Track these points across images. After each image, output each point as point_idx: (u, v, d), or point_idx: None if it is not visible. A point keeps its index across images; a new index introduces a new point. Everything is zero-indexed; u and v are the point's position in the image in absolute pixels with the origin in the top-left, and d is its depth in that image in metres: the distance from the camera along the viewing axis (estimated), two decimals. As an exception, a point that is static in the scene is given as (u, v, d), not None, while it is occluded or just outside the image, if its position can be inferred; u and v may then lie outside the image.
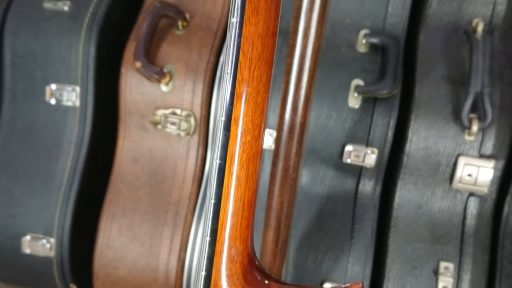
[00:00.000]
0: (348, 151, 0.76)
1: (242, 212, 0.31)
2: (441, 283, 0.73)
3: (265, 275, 0.33)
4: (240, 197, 0.31)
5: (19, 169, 0.80)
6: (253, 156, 0.31)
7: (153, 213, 0.80)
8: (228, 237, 0.31)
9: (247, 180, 0.31)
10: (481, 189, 0.73)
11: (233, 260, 0.31)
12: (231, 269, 0.31)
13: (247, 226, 0.31)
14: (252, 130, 0.30)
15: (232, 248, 0.31)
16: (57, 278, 0.81)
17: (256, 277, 0.32)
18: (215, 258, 0.31)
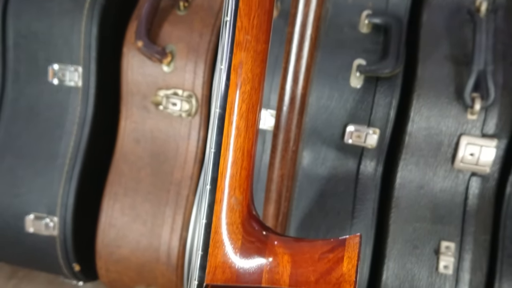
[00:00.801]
0: (349, 132, 0.76)
1: (241, 162, 0.31)
2: (442, 262, 0.73)
3: (264, 226, 0.33)
4: (239, 147, 0.31)
5: (22, 149, 0.81)
6: (253, 106, 0.31)
7: (155, 193, 0.80)
8: (228, 185, 0.31)
9: (247, 130, 0.31)
10: (483, 169, 0.73)
11: (233, 209, 0.32)
12: (231, 217, 0.32)
13: (247, 176, 0.32)
14: (252, 80, 0.30)
15: (232, 197, 0.31)
16: (60, 257, 0.81)
17: (255, 227, 0.33)
18: (216, 206, 0.32)
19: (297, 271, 0.31)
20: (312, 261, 0.31)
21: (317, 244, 0.32)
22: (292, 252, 0.32)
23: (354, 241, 0.32)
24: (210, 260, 0.32)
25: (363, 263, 0.77)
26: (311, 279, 0.31)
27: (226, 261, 0.32)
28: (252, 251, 0.32)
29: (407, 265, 0.74)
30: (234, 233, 0.32)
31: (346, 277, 0.31)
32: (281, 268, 0.32)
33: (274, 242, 0.33)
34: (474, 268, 0.73)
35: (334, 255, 0.31)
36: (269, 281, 0.32)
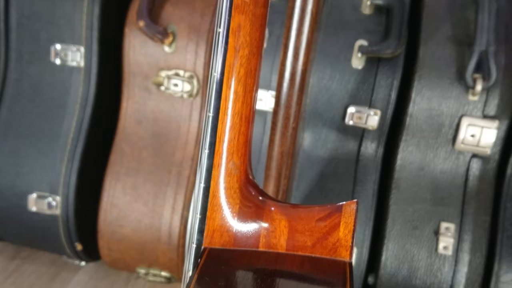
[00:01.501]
0: (350, 113, 0.77)
1: (239, 127, 0.31)
2: (441, 243, 0.73)
3: (261, 192, 0.34)
4: (237, 111, 0.31)
5: (25, 129, 0.81)
6: (251, 71, 0.31)
7: (156, 173, 0.81)
8: (226, 150, 0.32)
9: (245, 95, 0.31)
10: (484, 150, 0.73)
11: (231, 173, 0.32)
12: (229, 182, 0.32)
13: (245, 142, 0.32)
14: (250, 44, 0.30)
15: (230, 161, 0.32)
16: (63, 236, 0.82)
17: (253, 192, 0.33)
18: (214, 170, 0.32)
19: (294, 236, 0.32)
20: (309, 226, 0.32)
21: (314, 210, 0.33)
22: (289, 218, 0.32)
23: (351, 207, 0.32)
24: (208, 223, 0.32)
25: (363, 244, 0.77)
26: (307, 243, 0.32)
27: (224, 225, 0.32)
28: (249, 215, 0.32)
29: (407, 245, 0.75)
30: (232, 198, 0.32)
31: (342, 242, 0.31)
32: (278, 233, 0.32)
33: (272, 208, 0.33)
34: (473, 249, 0.73)
35: (330, 221, 0.32)
36: (266, 246, 0.32)
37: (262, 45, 0.31)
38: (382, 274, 0.75)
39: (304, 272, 0.31)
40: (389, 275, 0.75)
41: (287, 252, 0.32)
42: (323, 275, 0.31)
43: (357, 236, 0.77)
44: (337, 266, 0.31)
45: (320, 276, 0.31)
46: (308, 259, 0.31)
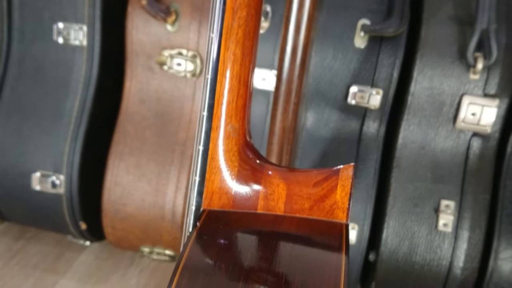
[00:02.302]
0: (353, 92, 0.77)
1: (238, 90, 0.32)
2: (441, 220, 0.74)
3: (260, 156, 0.34)
4: (236, 74, 0.32)
5: (28, 108, 0.82)
6: (249, 33, 0.31)
7: (159, 152, 0.82)
8: (224, 113, 0.32)
9: (243, 57, 0.31)
10: (484, 129, 0.73)
11: (229, 136, 0.32)
12: (228, 144, 0.32)
13: (243, 105, 0.32)
14: (248, 5, 0.30)
15: (228, 124, 0.32)
16: (67, 215, 0.83)
17: (251, 156, 0.34)
18: (212, 133, 0.33)
19: (292, 199, 0.32)
20: (307, 189, 0.32)
21: (311, 173, 0.33)
22: (287, 181, 0.33)
23: (348, 170, 0.33)
24: (207, 185, 0.33)
25: (364, 222, 0.78)
26: (305, 206, 0.32)
27: (223, 187, 0.33)
28: (248, 178, 0.33)
29: (407, 223, 0.75)
30: (231, 160, 0.33)
31: (339, 204, 0.32)
32: (276, 196, 0.33)
33: (270, 171, 0.33)
34: (473, 226, 0.74)
35: (328, 184, 0.32)
36: (264, 208, 0.33)
37: (261, 7, 0.31)
38: (383, 251, 0.76)
39: (301, 233, 0.32)
40: (389, 252, 0.76)
41: (285, 214, 0.33)
42: (320, 236, 0.31)
43: (358, 214, 0.78)
44: (334, 227, 0.32)
45: (317, 236, 0.31)
46: (305, 221, 0.32)
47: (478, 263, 0.74)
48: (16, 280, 0.88)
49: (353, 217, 0.78)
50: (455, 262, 0.74)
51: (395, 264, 0.76)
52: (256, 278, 0.27)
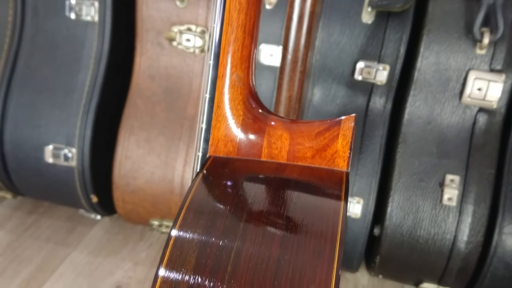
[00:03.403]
0: (360, 68, 0.78)
1: (243, 39, 0.33)
2: (446, 194, 0.75)
3: (264, 108, 0.35)
4: (241, 23, 0.33)
5: (41, 82, 0.84)
6: (254, -17, 0.32)
7: (169, 127, 0.83)
8: (230, 61, 0.33)
9: (248, 7, 0.32)
10: (490, 104, 0.74)
11: (235, 85, 0.34)
12: (233, 93, 0.34)
13: (248, 56, 0.34)
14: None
15: (233, 73, 0.33)
16: (79, 188, 0.85)
17: (256, 106, 0.35)
18: (218, 81, 0.34)
19: (295, 148, 0.34)
20: (309, 138, 0.34)
21: (314, 124, 0.34)
22: (290, 131, 0.34)
23: (349, 121, 0.34)
24: (213, 133, 0.34)
25: (369, 196, 0.79)
26: (307, 155, 0.33)
27: (228, 134, 0.34)
28: (252, 127, 0.34)
29: (412, 197, 0.76)
30: (236, 109, 0.34)
31: (340, 153, 0.33)
32: (280, 144, 0.34)
33: (274, 121, 0.35)
34: (478, 201, 0.74)
35: (329, 133, 0.33)
36: (268, 156, 0.34)
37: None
38: (388, 225, 0.77)
39: (303, 179, 0.33)
40: (394, 226, 0.77)
41: (288, 162, 0.34)
42: (321, 182, 0.32)
43: (364, 188, 0.79)
44: (335, 175, 0.33)
45: (318, 183, 0.32)
46: (307, 169, 0.33)
47: (482, 237, 0.74)
48: (29, 252, 0.91)
49: (358, 191, 0.79)
50: (460, 236, 0.74)
51: (400, 238, 0.77)
52: (258, 215, 0.28)
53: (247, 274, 0.25)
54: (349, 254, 0.82)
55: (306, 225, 0.28)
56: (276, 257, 0.26)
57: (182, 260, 0.27)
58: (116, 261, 0.90)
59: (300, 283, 0.25)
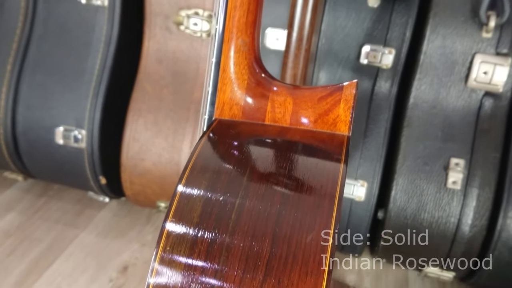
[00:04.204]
0: (365, 52, 0.78)
1: (248, 5, 0.34)
2: (451, 178, 0.75)
3: (269, 74, 0.36)
4: (246, -12, 0.34)
5: (52, 66, 0.85)
6: (259, -52, 0.33)
7: (176, 110, 0.84)
8: (235, 26, 0.34)
9: (254, -28, 0.33)
10: (496, 88, 0.74)
11: (240, 50, 0.35)
12: (238, 58, 0.35)
13: (253, 21, 0.34)
14: None
15: (239, 38, 0.34)
16: (88, 170, 0.87)
17: (260, 71, 0.36)
18: (224, 45, 0.35)
19: (298, 112, 0.35)
20: (312, 103, 0.34)
21: (316, 89, 0.35)
22: (294, 96, 0.35)
23: (351, 86, 0.34)
24: (219, 95, 0.35)
25: (373, 180, 0.79)
26: (310, 119, 0.34)
27: (233, 98, 0.35)
28: (257, 91, 0.35)
29: (416, 181, 0.77)
30: (241, 73, 0.35)
31: (342, 118, 0.34)
32: (283, 109, 0.35)
33: (278, 86, 0.35)
34: (482, 184, 0.75)
35: (332, 98, 0.34)
36: (271, 120, 0.35)
37: None
38: (392, 208, 0.78)
39: (305, 141, 0.34)
40: (398, 209, 0.77)
41: (291, 126, 0.35)
42: (323, 145, 0.33)
43: (368, 172, 0.80)
44: (337, 138, 0.33)
45: (320, 145, 0.33)
46: (309, 132, 0.34)
47: (486, 220, 0.75)
48: (39, 232, 0.93)
49: (362, 175, 0.80)
50: (464, 219, 0.75)
51: (404, 221, 0.78)
52: (261, 171, 0.29)
53: (250, 221, 0.26)
54: (353, 238, 0.83)
55: (307, 180, 0.29)
56: (278, 207, 0.27)
57: (188, 212, 0.28)
58: (124, 243, 0.92)
59: (300, 230, 0.26)
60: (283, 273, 0.25)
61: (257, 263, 0.25)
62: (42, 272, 0.84)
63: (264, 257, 0.26)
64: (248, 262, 0.25)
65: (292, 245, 0.26)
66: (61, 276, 0.83)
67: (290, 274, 0.25)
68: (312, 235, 0.26)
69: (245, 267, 0.25)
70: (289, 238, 0.26)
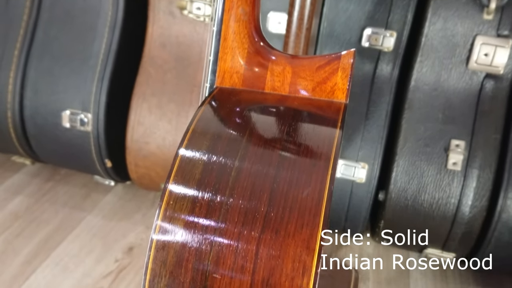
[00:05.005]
0: (367, 35, 0.79)
1: (248, -26, 0.35)
2: (451, 159, 0.76)
3: (268, 44, 0.37)
4: (245, -42, 0.35)
5: (59, 51, 0.87)
6: None
7: (179, 94, 0.86)
8: (236, -5, 0.35)
9: None
10: (497, 70, 0.74)
11: (240, 19, 0.36)
12: (238, 27, 0.36)
13: (253, -9, 0.35)
14: None
15: (239, 7, 0.35)
16: (94, 153, 0.89)
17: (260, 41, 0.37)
18: (225, 14, 0.36)
19: (296, 81, 0.36)
20: (310, 72, 0.35)
21: (315, 58, 0.36)
22: (293, 65, 0.36)
23: (349, 55, 0.35)
24: (220, 64, 0.36)
25: (374, 161, 0.80)
26: (308, 87, 0.35)
27: (234, 66, 0.36)
28: (256, 60, 0.36)
29: (417, 162, 0.78)
30: (241, 42, 0.36)
31: (339, 85, 0.35)
32: (282, 78, 0.36)
33: (278, 56, 0.37)
34: (483, 165, 0.75)
35: (330, 67, 0.35)
36: (271, 88, 0.36)
37: None
38: (392, 190, 0.79)
39: (303, 108, 0.35)
40: (398, 191, 0.78)
41: (290, 94, 0.36)
42: (320, 111, 0.34)
43: (369, 154, 0.81)
44: (334, 105, 0.35)
45: (318, 112, 0.34)
46: (308, 100, 0.35)
47: (487, 201, 0.76)
48: (47, 214, 0.94)
49: (363, 157, 0.81)
50: (464, 200, 0.76)
51: (404, 202, 0.79)
52: (260, 133, 0.31)
53: (249, 178, 0.28)
54: (354, 219, 0.84)
55: (304, 142, 0.30)
56: (276, 165, 0.28)
57: (189, 171, 0.29)
58: (129, 225, 0.94)
59: (297, 186, 0.27)
60: (280, 225, 0.26)
61: (256, 216, 0.27)
62: (50, 252, 0.85)
63: (262, 211, 0.27)
64: (247, 215, 0.27)
65: (289, 199, 0.27)
66: (68, 257, 0.85)
67: (287, 226, 0.26)
68: (308, 191, 0.27)
69: (244, 220, 0.27)
70: (286, 193, 0.27)
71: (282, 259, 0.25)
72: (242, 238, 0.26)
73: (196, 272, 0.26)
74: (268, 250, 0.26)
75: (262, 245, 0.26)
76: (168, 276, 0.27)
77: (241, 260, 0.26)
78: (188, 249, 0.27)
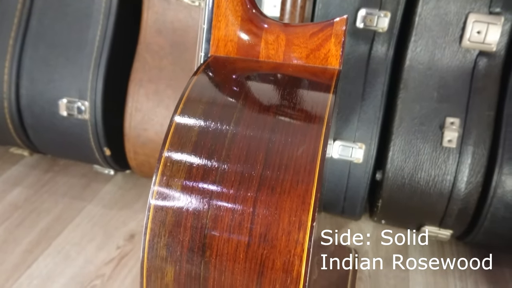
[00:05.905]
0: (361, 16, 0.79)
1: None
2: (446, 137, 0.77)
3: (262, 13, 0.38)
4: None
5: (54, 39, 0.87)
6: None
7: (176, 79, 0.86)
8: (228, -38, 0.36)
9: None
10: (490, 47, 0.75)
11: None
12: (231, -6, 0.36)
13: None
14: None
15: (231, -26, 0.36)
16: (92, 141, 0.89)
17: (253, 9, 0.37)
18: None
19: (290, 48, 0.36)
20: (304, 39, 0.36)
21: (308, 26, 0.37)
22: (286, 32, 0.36)
23: (342, 22, 0.36)
24: (214, 32, 0.37)
25: (371, 142, 0.81)
26: (302, 54, 0.36)
27: (228, 34, 0.37)
28: (250, 28, 0.37)
29: (413, 141, 0.78)
30: (235, 10, 0.36)
31: (333, 52, 0.36)
32: (276, 45, 0.36)
33: (271, 24, 0.37)
34: (477, 142, 0.76)
35: (323, 34, 0.36)
36: (265, 56, 0.36)
37: None
38: (389, 169, 0.79)
39: (298, 75, 0.35)
40: (395, 170, 0.79)
41: (284, 62, 0.36)
42: (314, 77, 0.35)
43: (365, 134, 0.81)
44: (328, 72, 0.35)
45: (312, 78, 0.35)
46: (302, 67, 0.36)
47: (482, 177, 0.76)
48: (47, 205, 0.95)
49: (360, 137, 0.81)
50: (460, 177, 0.76)
51: (401, 181, 0.79)
52: (255, 97, 0.31)
53: (245, 139, 0.28)
54: (352, 200, 0.85)
55: (299, 105, 0.30)
56: (271, 126, 0.29)
57: (185, 135, 0.30)
58: (130, 213, 0.94)
59: (292, 144, 0.28)
60: (276, 182, 0.27)
61: (252, 175, 0.27)
62: (51, 241, 0.86)
63: (258, 169, 0.27)
64: (244, 174, 0.27)
65: (284, 157, 0.27)
66: (69, 245, 0.85)
67: (282, 183, 0.27)
68: (303, 148, 0.27)
69: (240, 179, 0.27)
70: (282, 152, 0.28)
71: (278, 214, 0.26)
72: (239, 195, 0.27)
73: (195, 231, 0.27)
74: (265, 206, 0.26)
75: (259, 201, 0.27)
76: (168, 235, 0.27)
77: (239, 217, 0.26)
78: (186, 209, 0.27)
